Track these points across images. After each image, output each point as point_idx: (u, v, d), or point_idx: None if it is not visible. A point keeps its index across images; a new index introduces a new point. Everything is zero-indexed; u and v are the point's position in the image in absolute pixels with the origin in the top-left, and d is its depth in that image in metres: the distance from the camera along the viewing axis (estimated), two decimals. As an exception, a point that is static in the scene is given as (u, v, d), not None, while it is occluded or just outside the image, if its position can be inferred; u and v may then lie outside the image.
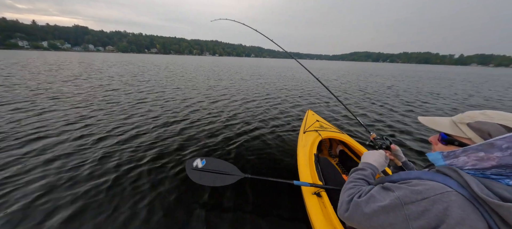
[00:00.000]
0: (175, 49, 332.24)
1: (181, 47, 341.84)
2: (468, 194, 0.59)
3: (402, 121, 4.62)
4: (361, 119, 3.38)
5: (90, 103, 5.11)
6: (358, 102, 6.71)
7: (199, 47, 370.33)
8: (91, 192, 1.99)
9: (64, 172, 2.26)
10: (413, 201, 0.62)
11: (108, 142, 3.03)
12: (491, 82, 16.56)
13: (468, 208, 0.57)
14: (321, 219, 1.25)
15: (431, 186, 0.63)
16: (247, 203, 1.89)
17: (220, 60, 66.57)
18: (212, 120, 4.21)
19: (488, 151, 0.59)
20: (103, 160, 2.53)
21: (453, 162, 0.67)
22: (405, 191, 0.65)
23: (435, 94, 8.81)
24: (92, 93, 6.30)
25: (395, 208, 0.64)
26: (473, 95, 9.16)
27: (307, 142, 2.14)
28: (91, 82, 8.41)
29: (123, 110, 4.65)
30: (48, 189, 2.00)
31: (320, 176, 1.61)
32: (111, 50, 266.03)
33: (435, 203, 0.59)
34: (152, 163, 2.50)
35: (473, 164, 0.63)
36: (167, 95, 6.58)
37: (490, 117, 0.63)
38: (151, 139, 3.18)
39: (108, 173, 2.29)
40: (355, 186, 0.84)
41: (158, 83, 8.90)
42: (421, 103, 6.88)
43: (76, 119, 3.96)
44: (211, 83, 9.75)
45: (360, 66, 49.81)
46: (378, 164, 0.98)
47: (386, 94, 8.44)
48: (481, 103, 7.50)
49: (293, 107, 5.62)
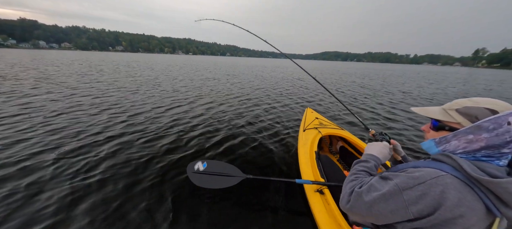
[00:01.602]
0: (144, 47, 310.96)
1: (151, 45, 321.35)
2: (462, 176, 0.62)
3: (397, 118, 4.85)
4: (359, 116, 3.51)
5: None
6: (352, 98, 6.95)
7: (171, 45, 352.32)
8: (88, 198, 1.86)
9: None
10: (411, 186, 0.65)
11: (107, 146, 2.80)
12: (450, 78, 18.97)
13: (464, 189, 0.60)
14: (325, 216, 1.26)
15: (426, 171, 0.66)
16: (250, 203, 1.87)
17: (194, 59, 64.09)
18: (210, 122, 4.04)
19: (477, 133, 0.63)
20: (97, 168, 2.31)
21: (445, 147, 0.71)
22: (403, 178, 0.68)
23: (408, 92, 9.70)
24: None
25: (394, 194, 0.67)
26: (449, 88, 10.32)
27: (307, 140, 2.13)
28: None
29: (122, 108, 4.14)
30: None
31: (321, 173, 1.62)
32: (67, 47, 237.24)
33: (431, 186, 0.62)
34: (153, 166, 2.41)
35: (463, 147, 0.67)
36: (167, 94, 6.09)
37: (476, 102, 0.68)
38: (152, 141, 3.05)
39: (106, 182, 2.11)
40: (357, 178, 0.86)
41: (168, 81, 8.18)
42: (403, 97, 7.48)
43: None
44: (208, 83, 9.36)
45: (334, 65, 52.17)
46: (382, 156, 1.00)
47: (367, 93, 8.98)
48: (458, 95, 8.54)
49: (292, 105, 5.61)
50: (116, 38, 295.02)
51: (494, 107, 0.64)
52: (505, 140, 0.60)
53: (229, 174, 1.66)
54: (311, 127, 2.42)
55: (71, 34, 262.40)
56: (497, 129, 0.60)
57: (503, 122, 0.60)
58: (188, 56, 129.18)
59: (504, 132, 0.60)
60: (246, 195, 1.96)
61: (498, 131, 0.60)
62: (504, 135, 0.60)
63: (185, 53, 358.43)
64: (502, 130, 0.60)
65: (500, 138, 0.60)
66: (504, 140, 0.60)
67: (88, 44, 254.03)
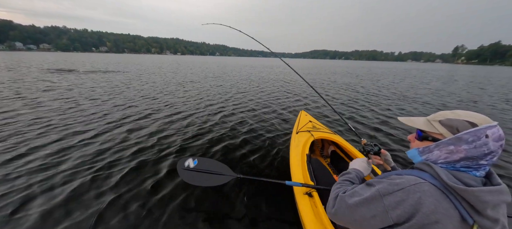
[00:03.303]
0: (130, 47, 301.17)
1: (137, 45, 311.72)
2: (440, 184, 0.65)
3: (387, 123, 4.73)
4: (351, 124, 3.48)
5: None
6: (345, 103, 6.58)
7: (158, 45, 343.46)
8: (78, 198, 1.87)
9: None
10: (391, 192, 0.68)
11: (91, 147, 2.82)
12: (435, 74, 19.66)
13: (439, 197, 0.63)
14: (312, 219, 1.28)
15: (407, 178, 0.69)
16: (239, 203, 1.89)
17: (183, 59, 62.86)
18: (204, 119, 4.04)
19: (457, 144, 0.67)
20: (87, 164, 2.38)
21: (428, 156, 0.75)
22: (384, 185, 0.71)
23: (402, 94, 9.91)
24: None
25: (374, 199, 0.70)
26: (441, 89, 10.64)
27: (299, 142, 2.13)
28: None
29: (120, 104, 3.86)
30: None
31: (311, 176, 1.62)
32: (46, 48, 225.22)
33: (409, 193, 0.65)
34: (142, 161, 2.44)
35: (445, 157, 0.70)
36: (166, 93, 5.83)
37: (458, 114, 0.71)
38: (139, 135, 3.12)
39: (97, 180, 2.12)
40: (341, 186, 0.92)
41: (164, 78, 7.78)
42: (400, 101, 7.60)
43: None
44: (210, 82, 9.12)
45: (324, 64, 52.90)
46: (362, 168, 1.09)
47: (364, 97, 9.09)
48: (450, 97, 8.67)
49: (286, 107, 5.55)
50: (100, 39, 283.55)
51: (473, 120, 0.67)
52: (483, 152, 0.63)
53: (220, 172, 1.65)
54: (304, 130, 2.43)
55: (51, 35, 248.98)
56: (476, 141, 0.63)
57: (482, 134, 0.63)
58: (176, 56, 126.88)
59: (482, 145, 0.63)
60: (235, 194, 1.96)
61: (476, 143, 0.63)
62: (482, 147, 0.63)
63: (173, 53, 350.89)
64: (480, 142, 0.63)
65: (478, 150, 0.63)
66: (482, 152, 0.63)
67: (70, 45, 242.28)
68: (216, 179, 1.62)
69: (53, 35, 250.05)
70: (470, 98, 8.13)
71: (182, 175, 1.66)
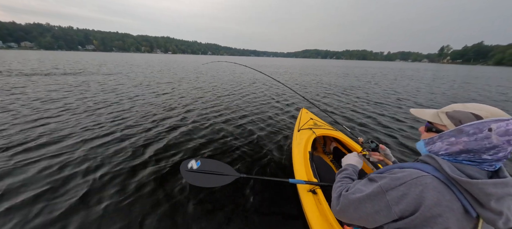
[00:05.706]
0: (119, 46, 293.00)
1: (126, 44, 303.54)
2: (443, 176, 0.63)
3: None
4: (347, 125, 3.38)
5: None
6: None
7: (148, 44, 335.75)
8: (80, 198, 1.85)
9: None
10: (393, 187, 0.66)
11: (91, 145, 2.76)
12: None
13: (442, 189, 0.61)
14: (317, 216, 1.26)
15: (409, 172, 0.67)
16: (243, 202, 1.86)
17: (176, 58, 61.61)
18: (206, 120, 3.95)
19: (458, 136, 0.65)
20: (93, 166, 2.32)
21: (431, 147, 0.73)
22: (386, 180, 0.70)
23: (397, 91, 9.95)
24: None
25: (377, 195, 0.69)
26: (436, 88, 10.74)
27: (301, 140, 2.10)
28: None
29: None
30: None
31: (315, 173, 1.62)
32: (29, 46, 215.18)
33: (411, 186, 0.63)
34: (145, 165, 2.39)
35: (445, 148, 0.68)
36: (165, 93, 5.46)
37: (466, 107, 0.68)
38: (143, 138, 3.02)
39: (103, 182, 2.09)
40: (342, 184, 0.91)
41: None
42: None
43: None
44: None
45: (317, 63, 52.72)
46: (355, 162, 1.11)
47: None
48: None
49: (286, 106, 5.40)
50: (86, 37, 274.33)
51: (479, 112, 0.64)
52: (484, 145, 0.60)
53: (223, 172, 1.63)
54: (305, 127, 2.41)
55: (33, 32, 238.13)
56: (477, 134, 0.61)
57: (484, 127, 0.60)
58: (167, 55, 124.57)
59: (483, 138, 0.60)
60: (240, 194, 1.94)
61: (477, 136, 0.61)
62: (483, 140, 0.60)
63: (164, 52, 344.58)
64: (481, 135, 0.60)
65: (479, 143, 0.60)
66: (483, 146, 0.60)
67: (53, 43, 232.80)
68: (220, 180, 1.60)
69: (36, 33, 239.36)
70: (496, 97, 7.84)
71: (185, 177, 1.62)
